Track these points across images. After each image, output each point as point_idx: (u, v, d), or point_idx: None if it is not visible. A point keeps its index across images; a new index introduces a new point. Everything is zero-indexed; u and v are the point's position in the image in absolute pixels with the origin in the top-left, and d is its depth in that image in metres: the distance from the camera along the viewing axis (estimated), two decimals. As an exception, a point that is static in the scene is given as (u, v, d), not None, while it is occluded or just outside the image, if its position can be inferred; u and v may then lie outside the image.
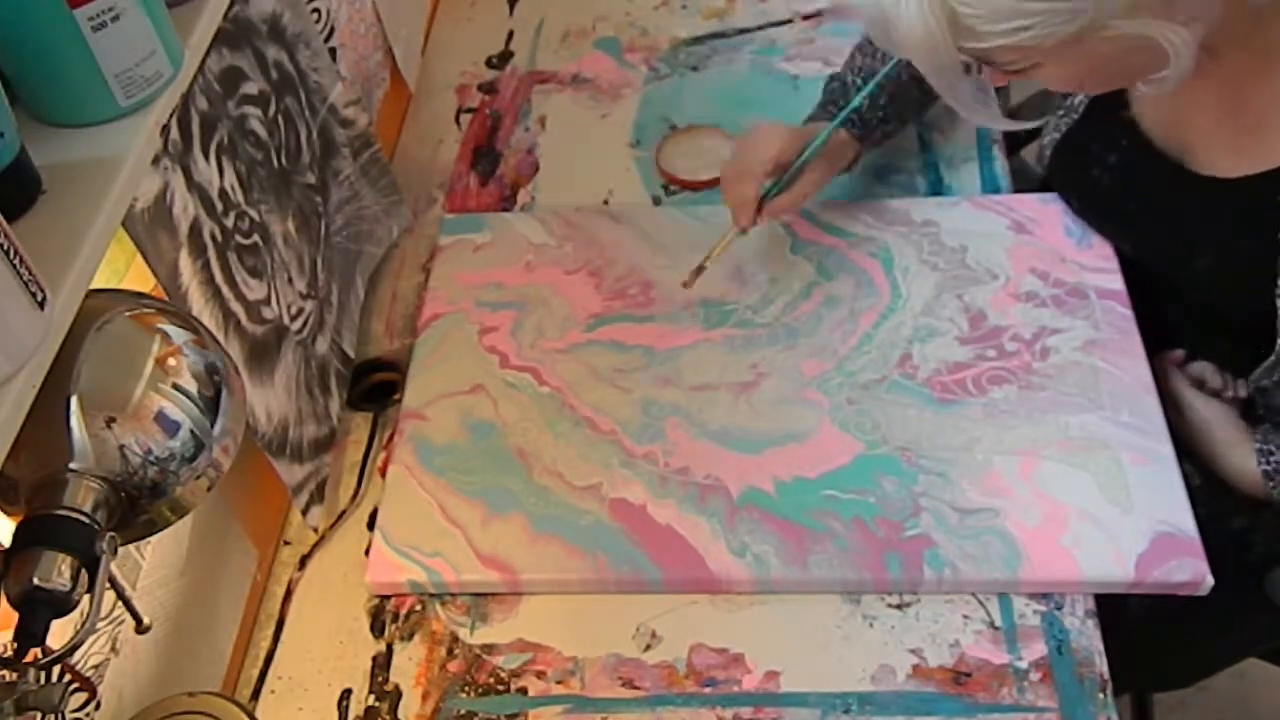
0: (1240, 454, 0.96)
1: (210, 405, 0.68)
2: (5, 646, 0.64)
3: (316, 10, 1.11)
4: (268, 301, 0.95)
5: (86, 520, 0.62)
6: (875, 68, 1.10)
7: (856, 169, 1.15)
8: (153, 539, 0.78)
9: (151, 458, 0.65)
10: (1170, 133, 0.97)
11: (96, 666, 0.77)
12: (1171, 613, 0.94)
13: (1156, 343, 1.02)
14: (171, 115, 0.70)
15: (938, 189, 1.19)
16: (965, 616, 0.90)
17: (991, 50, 0.80)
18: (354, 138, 1.14)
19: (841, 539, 0.93)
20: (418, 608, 0.97)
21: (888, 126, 1.13)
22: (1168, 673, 1.22)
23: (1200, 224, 0.96)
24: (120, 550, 0.68)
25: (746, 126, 1.14)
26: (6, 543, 0.62)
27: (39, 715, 0.63)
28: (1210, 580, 0.89)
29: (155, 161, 0.79)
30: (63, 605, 0.60)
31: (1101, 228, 1.09)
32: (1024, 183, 1.19)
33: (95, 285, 0.61)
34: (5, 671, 0.62)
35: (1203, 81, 0.85)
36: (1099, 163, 1.03)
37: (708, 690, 0.89)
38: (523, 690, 0.91)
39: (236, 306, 0.90)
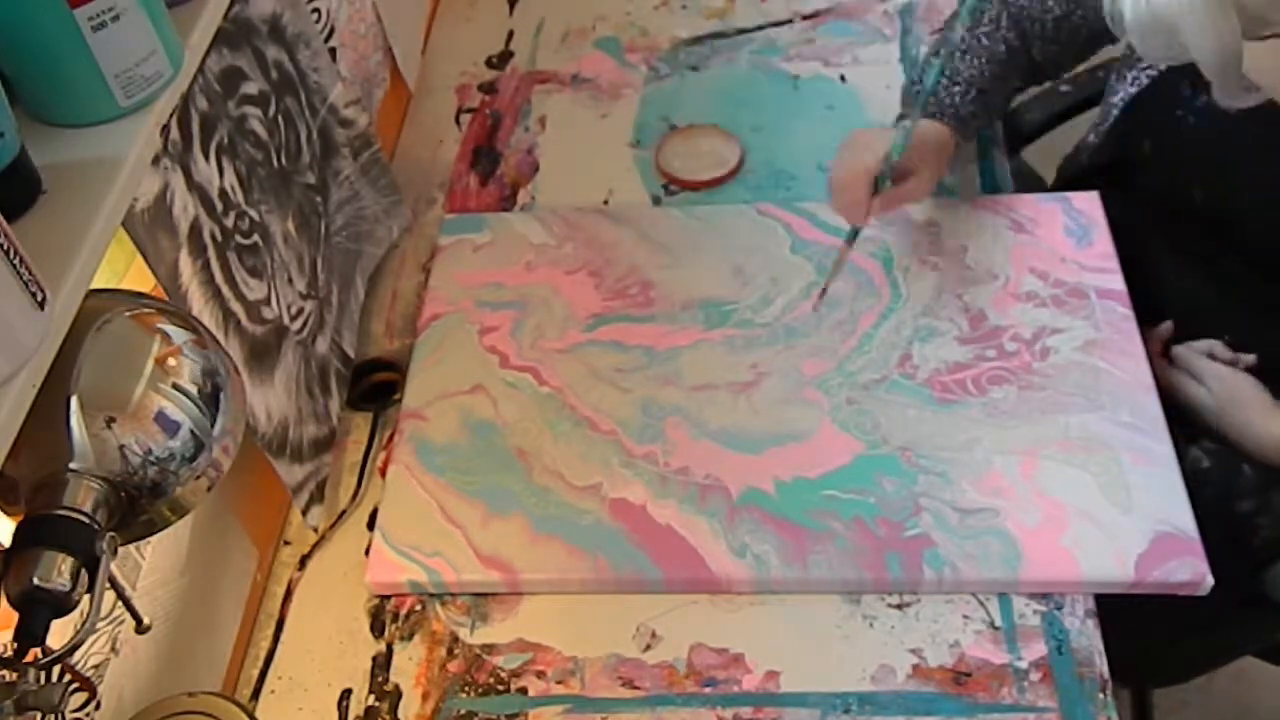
0: (1273, 420, 0.97)
1: (210, 405, 0.68)
2: (5, 646, 0.64)
3: (316, 10, 1.11)
4: (268, 301, 0.95)
5: (86, 520, 0.62)
6: (957, 67, 1.10)
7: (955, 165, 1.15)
8: (153, 539, 0.78)
9: (151, 458, 0.65)
10: None
11: (96, 666, 0.77)
12: (1171, 609, 0.94)
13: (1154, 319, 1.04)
14: (171, 115, 0.70)
15: (938, 189, 1.18)
16: (965, 616, 0.90)
17: None
18: (354, 138, 1.14)
19: (841, 539, 0.93)
20: (418, 608, 0.97)
21: (979, 121, 1.13)
22: (1168, 668, 1.23)
23: None
24: (120, 550, 0.68)
25: (847, 135, 1.11)
26: (6, 543, 0.62)
27: (39, 715, 0.63)
28: (1210, 580, 0.89)
29: (155, 161, 0.79)
30: (63, 605, 0.60)
31: (1174, 172, 1.08)
32: (1024, 183, 1.19)
33: (95, 285, 0.61)
34: (5, 671, 0.62)
35: None
36: (1187, 105, 1.03)
37: (708, 690, 0.89)
38: (523, 690, 0.91)
39: (236, 306, 0.90)
